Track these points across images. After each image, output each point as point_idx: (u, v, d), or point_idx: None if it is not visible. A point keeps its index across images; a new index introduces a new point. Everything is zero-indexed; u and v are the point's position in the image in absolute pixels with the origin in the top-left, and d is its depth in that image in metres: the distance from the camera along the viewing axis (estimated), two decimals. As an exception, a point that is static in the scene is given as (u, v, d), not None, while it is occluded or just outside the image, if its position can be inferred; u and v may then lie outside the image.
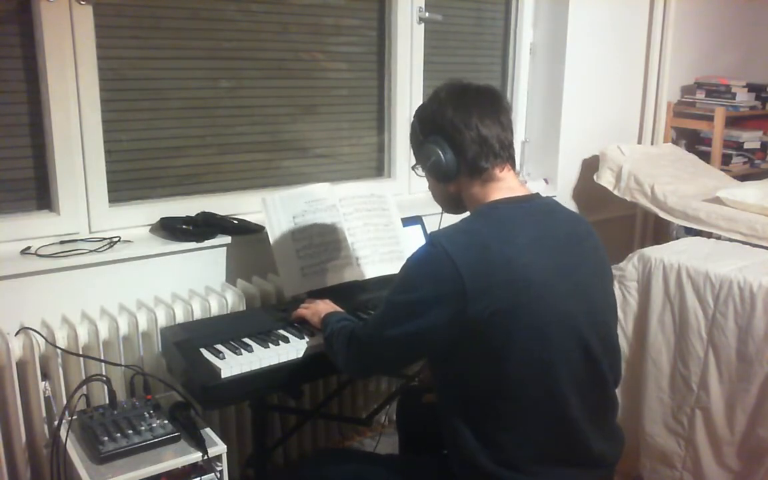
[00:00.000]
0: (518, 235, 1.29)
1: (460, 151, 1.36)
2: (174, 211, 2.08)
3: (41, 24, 1.79)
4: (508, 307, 1.22)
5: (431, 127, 1.40)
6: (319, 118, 2.43)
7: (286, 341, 1.71)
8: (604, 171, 2.89)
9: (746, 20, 3.60)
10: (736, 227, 2.41)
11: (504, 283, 1.23)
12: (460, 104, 1.37)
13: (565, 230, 1.38)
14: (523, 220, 1.32)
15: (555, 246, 1.32)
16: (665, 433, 2.25)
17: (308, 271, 1.93)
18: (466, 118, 1.35)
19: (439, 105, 1.39)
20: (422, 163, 1.44)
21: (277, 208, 1.96)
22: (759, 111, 3.33)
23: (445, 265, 1.24)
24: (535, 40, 2.94)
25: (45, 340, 1.71)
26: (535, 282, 1.24)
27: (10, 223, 1.85)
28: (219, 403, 1.73)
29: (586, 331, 1.30)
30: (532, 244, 1.28)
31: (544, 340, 1.26)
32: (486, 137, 1.35)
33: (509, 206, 1.35)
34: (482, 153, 1.35)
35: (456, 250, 1.24)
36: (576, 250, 1.36)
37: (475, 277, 1.22)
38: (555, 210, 1.41)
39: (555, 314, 1.26)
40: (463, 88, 1.40)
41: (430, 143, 1.39)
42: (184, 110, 2.13)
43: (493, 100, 1.39)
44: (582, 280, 1.33)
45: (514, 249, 1.26)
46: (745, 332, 2.03)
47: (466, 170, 1.38)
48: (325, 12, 2.37)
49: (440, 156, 1.37)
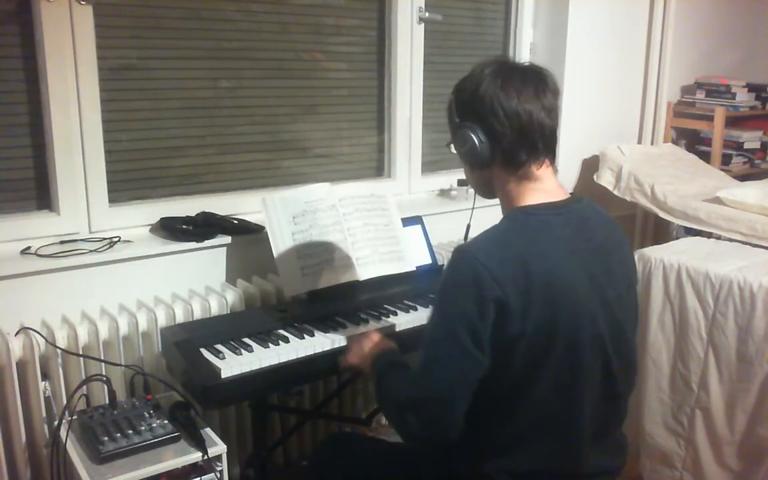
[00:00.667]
0: (556, 249, 1.23)
1: (496, 140, 1.27)
2: (174, 211, 2.08)
3: (41, 24, 1.79)
4: (546, 327, 1.19)
5: (469, 110, 1.30)
6: (319, 118, 2.43)
7: (286, 341, 1.71)
8: (604, 171, 2.89)
9: (746, 20, 3.60)
10: (736, 227, 2.41)
11: (543, 301, 1.18)
12: (502, 87, 1.26)
13: (598, 242, 1.32)
14: (560, 232, 1.26)
15: (588, 259, 1.27)
16: (665, 433, 2.25)
17: (308, 271, 1.93)
18: (507, 104, 1.25)
19: (479, 85, 1.27)
20: (457, 147, 1.34)
21: (277, 208, 1.96)
22: (759, 111, 3.33)
23: (485, 280, 1.17)
24: (535, 40, 2.94)
25: (45, 340, 1.71)
26: (571, 301, 1.21)
27: (10, 223, 1.85)
28: (219, 403, 1.73)
29: (611, 350, 1.28)
30: (569, 259, 1.24)
31: (574, 360, 1.23)
32: (526, 128, 1.25)
33: (546, 214, 1.27)
34: (521, 146, 1.26)
35: (496, 267, 1.18)
36: (605, 264, 1.30)
37: (516, 295, 1.17)
38: (590, 217, 1.34)
39: (586, 335, 1.24)
40: (509, 69, 1.29)
41: (465, 128, 1.29)
42: (184, 110, 2.13)
43: (539, 82, 1.28)
44: (609, 298, 1.29)
45: (552, 265, 1.21)
46: (745, 332, 2.03)
47: (502, 160, 1.29)
48: (325, 12, 2.37)
49: (475, 144, 1.28)
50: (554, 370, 1.22)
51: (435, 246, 2.31)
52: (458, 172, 2.80)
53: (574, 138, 2.95)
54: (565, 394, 1.25)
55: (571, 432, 1.28)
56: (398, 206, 2.19)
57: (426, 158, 2.71)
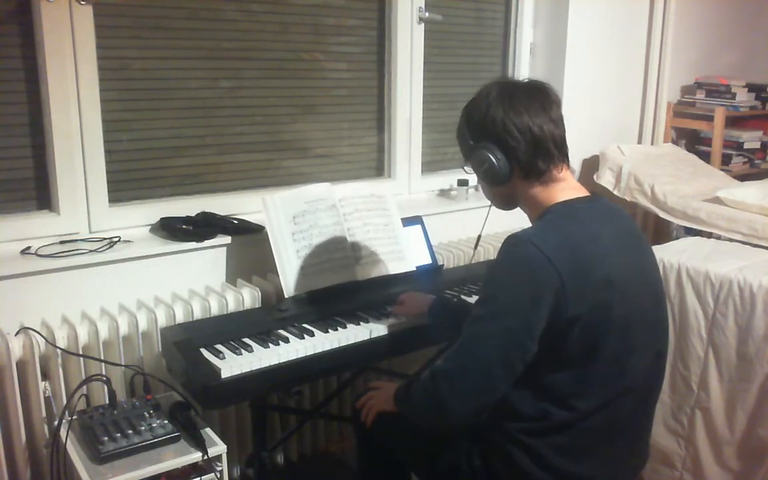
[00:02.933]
0: (602, 233, 1.29)
1: (513, 155, 1.34)
2: (174, 211, 2.08)
3: (41, 24, 1.79)
4: (603, 307, 1.23)
5: (482, 131, 1.36)
6: (319, 118, 2.43)
7: (286, 341, 1.71)
8: (604, 171, 2.89)
9: (746, 20, 3.60)
10: (736, 227, 2.42)
11: (598, 282, 1.23)
12: (511, 106, 1.33)
13: (629, 228, 1.39)
14: (600, 220, 1.32)
15: (627, 244, 1.34)
16: (665, 433, 2.25)
17: (308, 271, 1.93)
18: (518, 120, 1.33)
19: (489, 107, 1.35)
20: (475, 169, 1.40)
21: (277, 208, 1.96)
22: (759, 111, 3.33)
23: (542, 264, 1.21)
24: (535, 40, 2.94)
25: (45, 340, 1.71)
26: (622, 281, 1.26)
27: (10, 223, 1.85)
28: (219, 403, 1.73)
29: (659, 329, 1.36)
30: (614, 243, 1.29)
31: (628, 339, 1.28)
32: (540, 139, 1.33)
33: (584, 206, 1.34)
34: (537, 156, 1.33)
35: (550, 249, 1.22)
36: (639, 249, 1.38)
37: (572, 276, 1.21)
38: (614, 209, 1.40)
39: (637, 313, 1.29)
40: (513, 88, 1.37)
41: (481, 149, 1.36)
42: (184, 110, 2.13)
43: (543, 97, 1.36)
44: (650, 278, 1.36)
45: (602, 248, 1.26)
46: (745, 332, 2.03)
47: (521, 173, 1.36)
48: (325, 12, 2.37)
49: (493, 163, 1.35)
50: (612, 349, 1.25)
51: (435, 246, 2.31)
52: (458, 172, 2.80)
53: (574, 138, 2.90)
54: (618, 373, 1.28)
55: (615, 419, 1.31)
56: (398, 206, 2.19)
57: (426, 158, 2.71)
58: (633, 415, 1.35)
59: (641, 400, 1.37)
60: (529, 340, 1.23)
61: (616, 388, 1.29)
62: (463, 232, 2.59)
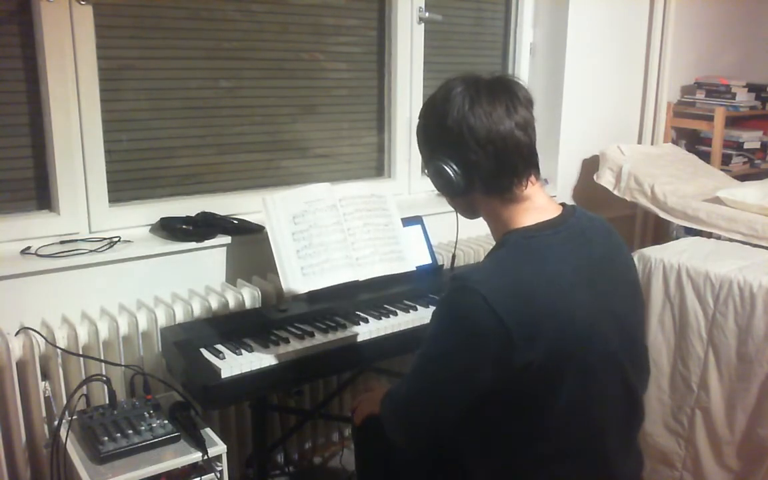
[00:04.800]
0: (559, 272, 1.16)
1: (473, 170, 1.20)
2: (174, 211, 2.08)
3: (41, 24, 1.79)
4: (557, 355, 1.13)
5: (439, 140, 1.23)
6: (319, 118, 2.43)
7: (286, 341, 1.71)
8: (604, 171, 2.89)
9: (746, 20, 3.60)
10: (736, 227, 2.41)
11: (552, 330, 1.12)
12: (472, 111, 1.18)
13: (599, 253, 1.25)
14: (561, 252, 1.19)
15: (592, 274, 1.21)
16: (665, 433, 2.25)
17: (308, 271, 1.93)
18: (478, 133, 1.17)
19: (446, 114, 1.19)
20: (432, 179, 1.26)
21: (277, 208, 1.96)
22: (759, 111, 3.33)
23: (485, 316, 1.10)
24: (535, 40, 2.94)
25: (45, 340, 1.71)
26: (581, 325, 1.15)
27: (10, 223, 1.85)
28: (219, 403, 1.73)
29: (626, 363, 1.25)
30: (573, 280, 1.17)
31: (590, 382, 1.18)
32: (502, 155, 1.18)
33: (546, 235, 1.20)
34: (500, 172, 1.19)
35: (497, 298, 1.10)
36: (611, 274, 1.25)
37: (521, 326, 1.10)
38: (587, 228, 1.26)
39: (600, 354, 1.18)
40: (476, 88, 1.20)
41: (437, 161, 1.22)
42: (184, 110, 2.13)
43: (509, 97, 1.19)
44: (618, 310, 1.24)
45: (560, 291, 1.14)
46: (745, 332, 2.03)
47: (483, 188, 1.22)
48: (325, 12, 2.36)
49: (451, 177, 1.21)
50: (569, 395, 1.17)
51: (435, 246, 2.31)
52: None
53: (574, 138, 2.95)
54: (585, 414, 1.20)
55: (596, 450, 1.24)
56: (398, 206, 2.19)
57: (426, 158, 2.71)
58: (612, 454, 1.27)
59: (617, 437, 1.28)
60: (464, 390, 1.18)
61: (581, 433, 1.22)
62: (464, 232, 2.59)
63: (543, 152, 3.19)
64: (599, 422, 1.23)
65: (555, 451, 1.21)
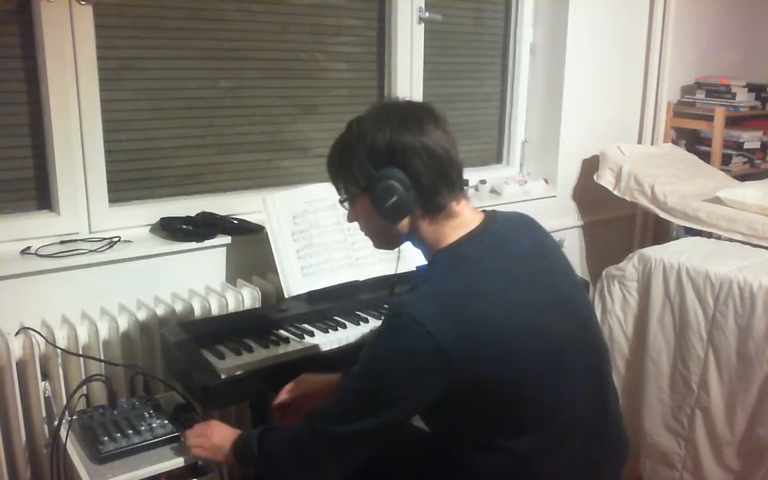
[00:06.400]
0: (489, 280, 1.18)
1: (420, 186, 1.20)
2: (174, 211, 2.08)
3: (41, 24, 1.79)
4: (501, 362, 1.14)
5: (387, 157, 1.20)
6: (319, 118, 2.43)
7: (286, 341, 1.71)
8: (604, 171, 2.89)
9: (746, 20, 3.60)
10: (736, 227, 2.42)
11: (488, 341, 1.13)
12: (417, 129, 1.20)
13: (527, 247, 1.29)
14: (489, 259, 1.21)
15: (526, 273, 1.24)
16: (665, 433, 2.25)
17: (308, 271, 1.93)
18: (423, 143, 1.19)
19: (393, 131, 1.20)
20: (377, 205, 1.23)
21: (277, 208, 1.96)
22: (759, 111, 3.33)
23: (420, 339, 1.10)
24: (535, 40, 2.94)
25: (45, 340, 1.71)
26: (520, 325, 1.17)
27: (10, 223, 1.85)
28: (219, 403, 1.73)
29: (585, 343, 1.27)
30: (506, 285, 1.19)
31: (550, 373, 1.19)
32: (446, 166, 1.21)
33: (471, 247, 1.22)
34: (442, 185, 1.22)
35: (429, 320, 1.11)
36: (545, 265, 1.29)
37: (457, 344, 1.11)
38: (510, 230, 1.30)
39: (550, 344, 1.20)
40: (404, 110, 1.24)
41: (386, 179, 1.20)
42: (184, 110, 2.13)
43: (437, 119, 1.23)
44: (564, 294, 1.28)
45: (488, 301, 1.16)
46: (745, 332, 2.04)
47: (423, 206, 1.23)
48: (325, 12, 2.36)
49: (402, 192, 1.20)
50: (530, 389, 1.18)
51: (435, 246, 2.30)
52: (458, 172, 2.80)
53: (574, 138, 2.95)
54: (554, 405, 1.21)
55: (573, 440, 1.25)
56: (398, 206, 2.18)
57: (426, 158, 2.71)
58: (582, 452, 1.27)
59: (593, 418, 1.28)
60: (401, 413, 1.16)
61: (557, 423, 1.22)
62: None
63: (543, 152, 3.23)
64: (572, 406, 1.23)
65: (537, 443, 1.21)
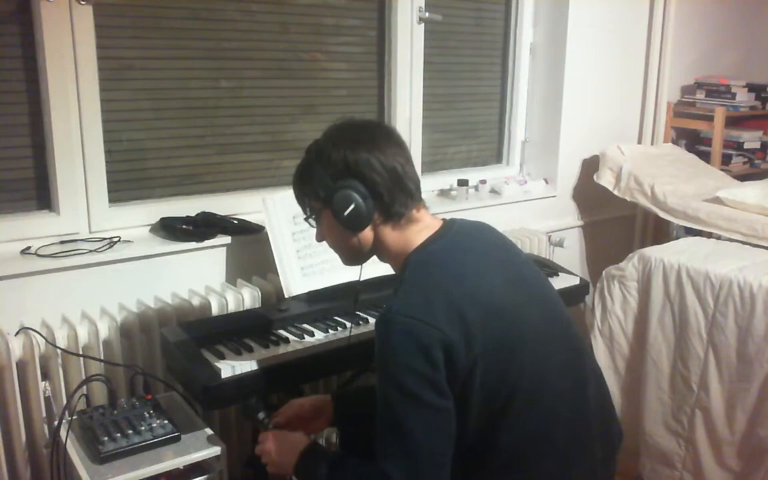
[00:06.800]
0: (464, 267, 1.24)
1: (377, 194, 1.27)
2: (174, 211, 2.08)
3: (41, 24, 1.79)
4: (492, 340, 1.18)
5: (344, 169, 1.27)
6: (319, 118, 2.42)
7: (286, 341, 1.71)
8: (604, 171, 2.89)
9: (746, 20, 3.60)
10: (736, 227, 2.42)
11: (481, 321, 1.18)
12: (375, 145, 1.28)
13: (493, 241, 1.38)
14: (459, 250, 1.28)
15: (496, 263, 1.31)
16: (665, 433, 2.25)
17: (308, 271, 1.93)
18: (381, 157, 1.27)
19: (350, 145, 1.28)
20: (337, 214, 1.28)
21: (277, 208, 1.96)
22: (759, 111, 3.33)
23: (415, 327, 1.15)
24: (535, 40, 2.94)
25: (45, 340, 1.71)
26: (501, 306, 1.22)
27: (10, 223, 1.85)
28: (219, 403, 1.73)
29: (560, 330, 1.31)
30: (482, 270, 1.26)
31: (532, 354, 1.23)
32: (401, 178, 1.29)
33: (437, 245, 1.29)
34: (400, 194, 1.29)
35: (418, 311, 1.16)
36: (511, 258, 1.36)
37: (454, 329, 1.15)
38: (472, 228, 1.38)
39: (528, 325, 1.24)
40: (362, 128, 1.32)
41: (345, 189, 1.27)
42: (184, 110, 2.13)
43: (393, 137, 1.32)
44: (532, 284, 1.34)
45: (470, 283, 1.21)
46: (745, 332, 2.04)
47: (384, 214, 1.29)
48: (325, 12, 2.37)
49: (360, 202, 1.26)
50: (519, 375, 1.20)
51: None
52: (458, 172, 2.80)
53: (574, 138, 2.95)
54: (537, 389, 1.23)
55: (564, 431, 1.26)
56: (398, 206, 2.18)
57: (426, 158, 2.71)
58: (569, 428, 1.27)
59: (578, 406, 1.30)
60: (447, 401, 1.17)
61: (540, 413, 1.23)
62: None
63: (543, 152, 3.23)
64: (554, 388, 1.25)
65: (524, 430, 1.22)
